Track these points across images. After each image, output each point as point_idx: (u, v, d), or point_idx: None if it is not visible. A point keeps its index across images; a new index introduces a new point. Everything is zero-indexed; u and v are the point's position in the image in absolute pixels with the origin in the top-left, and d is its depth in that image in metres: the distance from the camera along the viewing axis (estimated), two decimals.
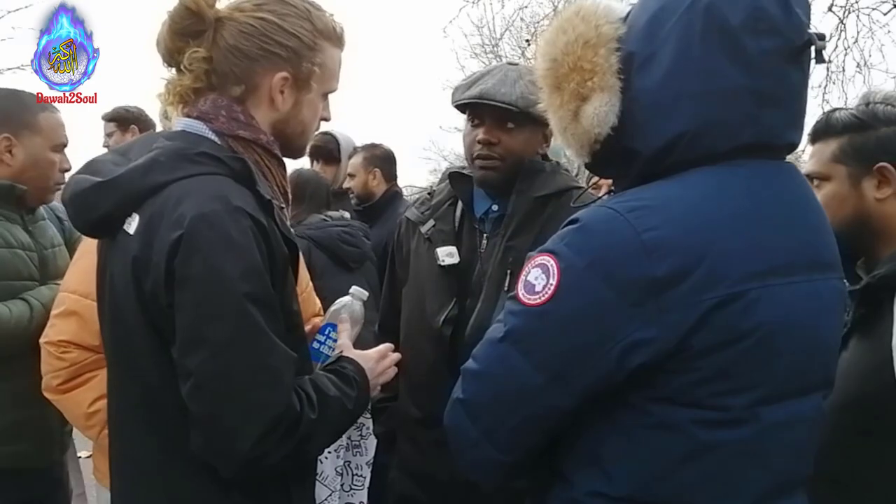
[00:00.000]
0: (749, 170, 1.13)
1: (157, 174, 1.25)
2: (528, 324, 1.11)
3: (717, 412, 1.08)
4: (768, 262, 1.09)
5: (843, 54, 7.87)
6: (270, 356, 1.20)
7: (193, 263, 1.17)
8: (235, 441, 1.18)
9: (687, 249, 1.05)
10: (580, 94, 1.15)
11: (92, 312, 1.78)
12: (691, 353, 1.05)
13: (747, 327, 1.06)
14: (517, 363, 1.10)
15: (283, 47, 1.32)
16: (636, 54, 1.14)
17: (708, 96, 1.11)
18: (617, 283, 1.05)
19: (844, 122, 1.54)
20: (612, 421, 1.12)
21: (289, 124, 1.38)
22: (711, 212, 1.08)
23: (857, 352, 1.45)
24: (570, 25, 1.17)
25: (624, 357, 1.05)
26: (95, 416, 1.84)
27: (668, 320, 1.04)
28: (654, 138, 1.14)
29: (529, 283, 1.11)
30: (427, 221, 1.98)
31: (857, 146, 1.51)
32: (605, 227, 1.08)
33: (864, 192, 1.51)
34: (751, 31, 1.09)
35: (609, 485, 1.11)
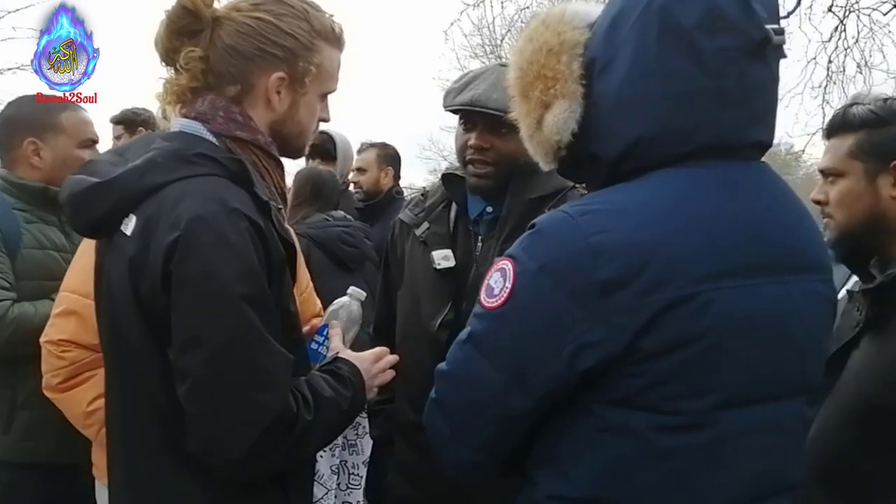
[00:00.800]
0: (712, 171, 1.12)
1: (155, 175, 1.25)
2: (487, 326, 1.13)
3: (671, 416, 1.07)
4: (724, 263, 1.07)
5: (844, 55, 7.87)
6: (267, 358, 1.20)
7: (190, 265, 1.17)
8: (231, 442, 1.18)
9: (634, 252, 1.04)
10: (544, 101, 1.16)
11: (91, 312, 1.78)
12: (642, 355, 1.05)
13: (699, 330, 1.05)
14: (479, 365, 1.13)
15: (279, 47, 1.31)
16: (597, 59, 1.15)
17: (665, 98, 1.10)
18: (565, 286, 1.06)
19: (862, 118, 1.52)
20: (569, 423, 1.13)
21: (285, 125, 1.37)
22: (664, 213, 1.08)
23: (870, 352, 1.44)
24: (536, 34, 1.17)
25: (574, 359, 1.06)
26: (94, 414, 1.85)
27: (616, 323, 1.04)
28: (614, 143, 1.14)
29: (490, 287, 1.13)
30: (421, 224, 1.97)
31: (875, 142, 1.49)
32: (555, 231, 1.10)
33: (880, 190, 1.49)
34: (706, 30, 1.08)
35: (568, 487, 1.12)
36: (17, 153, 2.18)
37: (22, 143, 2.17)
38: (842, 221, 1.54)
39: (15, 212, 2.12)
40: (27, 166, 2.14)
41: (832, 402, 1.47)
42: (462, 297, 1.86)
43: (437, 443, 1.22)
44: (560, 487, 1.13)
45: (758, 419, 1.11)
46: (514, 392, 1.11)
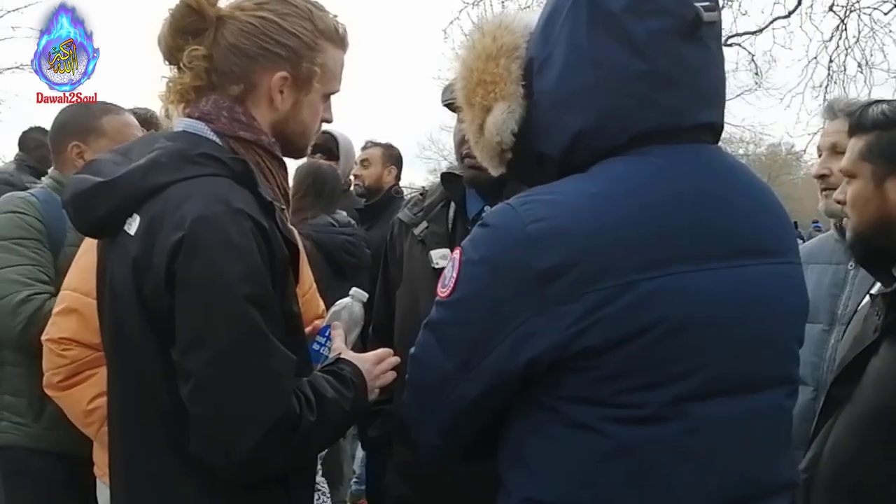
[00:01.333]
0: (659, 157, 1.10)
1: (158, 175, 1.25)
2: (439, 314, 1.16)
3: (631, 409, 1.05)
4: (671, 250, 1.05)
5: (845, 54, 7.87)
6: (270, 359, 1.20)
7: (194, 265, 1.17)
8: (234, 444, 1.18)
9: (571, 241, 1.03)
10: (485, 106, 1.18)
11: (92, 310, 1.79)
12: (590, 349, 1.03)
13: (648, 320, 1.03)
14: (433, 350, 1.16)
15: (282, 47, 1.31)
16: (535, 58, 1.16)
17: (600, 86, 1.10)
18: (504, 276, 1.07)
19: (874, 119, 1.51)
20: (531, 422, 1.13)
21: (288, 124, 1.37)
22: (604, 202, 1.06)
23: (889, 358, 1.40)
24: (475, 42, 1.19)
25: (516, 348, 1.06)
26: (94, 413, 1.86)
27: (555, 312, 1.03)
28: (557, 138, 1.14)
29: (444, 277, 1.16)
30: (420, 223, 1.98)
31: (883, 145, 1.48)
32: (498, 222, 1.11)
33: (887, 193, 1.47)
34: (635, 13, 1.08)
35: (539, 489, 1.11)
36: (65, 156, 2.32)
37: (68, 146, 2.30)
38: (854, 223, 1.53)
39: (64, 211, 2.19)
40: (72, 168, 2.23)
41: (851, 410, 1.45)
42: None
43: (407, 423, 1.25)
44: (533, 491, 1.12)
45: (731, 411, 1.08)
46: (462, 379, 1.12)
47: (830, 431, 1.48)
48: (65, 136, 2.33)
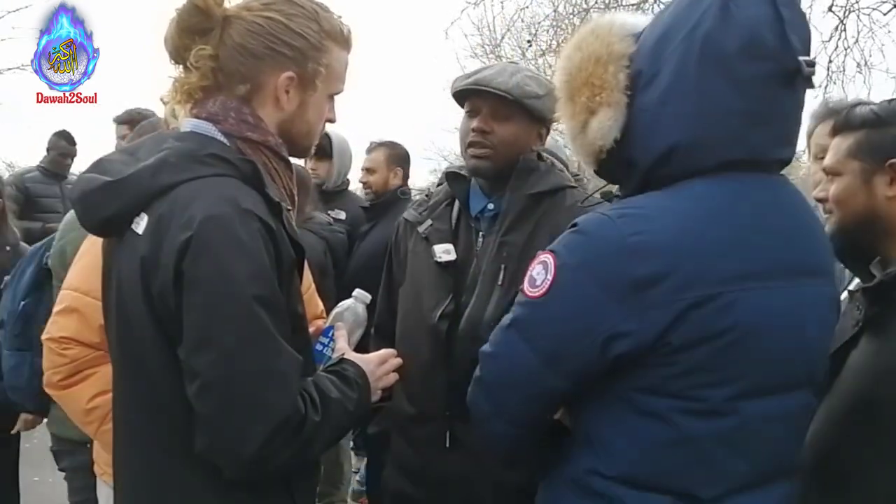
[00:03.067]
0: (738, 183, 1.23)
1: (167, 175, 1.26)
2: (528, 313, 1.26)
3: (696, 403, 1.19)
4: (747, 267, 1.19)
5: (844, 54, 7.86)
6: (277, 359, 1.21)
7: (202, 265, 1.18)
8: (241, 442, 1.18)
9: (667, 253, 1.16)
10: (589, 107, 1.25)
11: (92, 310, 1.79)
12: (671, 347, 1.16)
13: (723, 326, 1.16)
14: (519, 347, 1.25)
15: (289, 47, 1.32)
16: (643, 72, 1.24)
17: (700, 115, 1.20)
18: (602, 281, 1.17)
19: (863, 118, 1.54)
20: (606, 408, 1.25)
21: (294, 124, 1.38)
22: (694, 219, 1.19)
23: (869, 351, 1.45)
24: (585, 43, 1.26)
25: (606, 346, 1.18)
26: (94, 411, 1.87)
27: (648, 316, 1.15)
28: (649, 149, 1.24)
29: (532, 278, 1.25)
30: (424, 221, 2.01)
31: (873, 142, 1.51)
32: (596, 230, 1.21)
33: (875, 190, 1.51)
34: (746, 56, 1.18)
35: (604, 464, 1.24)
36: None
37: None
38: (839, 219, 1.56)
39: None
40: None
41: (831, 400, 1.48)
42: (462, 291, 1.88)
43: (477, 419, 1.35)
44: (598, 464, 1.25)
45: (773, 408, 1.23)
46: (549, 373, 1.24)
47: (811, 422, 1.50)
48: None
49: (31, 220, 4.82)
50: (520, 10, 9.90)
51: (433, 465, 1.87)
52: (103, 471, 2.01)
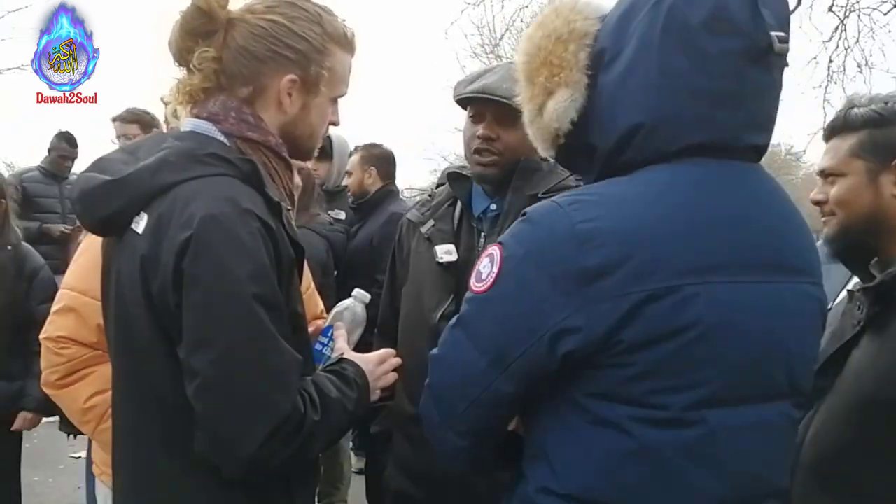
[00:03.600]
0: (703, 169, 1.13)
1: (167, 174, 1.26)
2: (474, 309, 1.16)
3: (654, 410, 1.07)
4: (711, 259, 1.08)
5: (844, 54, 7.87)
6: (277, 358, 1.21)
7: (202, 264, 1.18)
8: (240, 442, 1.18)
9: (619, 242, 1.06)
10: (547, 88, 1.17)
11: (89, 309, 1.80)
12: (625, 346, 1.05)
13: (682, 323, 1.05)
14: (465, 347, 1.15)
15: (291, 50, 1.32)
16: (606, 50, 1.16)
17: (662, 91, 1.11)
18: (549, 272, 1.07)
19: (864, 118, 1.54)
20: (557, 416, 1.14)
21: (297, 127, 1.38)
22: (652, 207, 1.09)
23: (871, 351, 1.45)
24: (546, 21, 1.19)
25: (554, 344, 1.08)
26: (91, 411, 1.87)
27: (597, 310, 1.05)
28: (609, 132, 1.15)
29: (479, 272, 1.16)
30: (427, 221, 2.01)
31: (877, 141, 1.51)
32: (544, 219, 1.11)
33: (881, 189, 1.51)
34: (710, 30, 1.09)
35: (556, 481, 1.13)
36: None
37: None
38: (842, 219, 1.56)
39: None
40: None
41: (832, 400, 1.49)
42: (464, 291, 1.87)
43: (428, 429, 1.24)
44: (549, 480, 1.14)
45: (746, 419, 1.11)
46: (496, 375, 1.13)
47: (811, 422, 1.51)
48: None
49: (28, 219, 4.83)
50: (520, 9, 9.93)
51: (434, 465, 1.86)
52: (101, 471, 2.02)
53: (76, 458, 4.20)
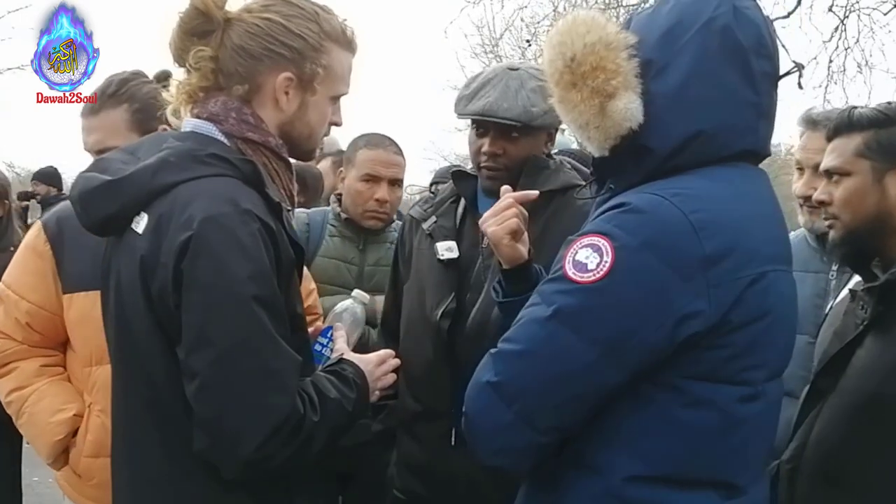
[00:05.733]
0: (753, 171, 1.29)
1: (167, 174, 1.26)
2: (581, 301, 1.15)
3: (743, 387, 1.18)
4: (774, 249, 1.23)
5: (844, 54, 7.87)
6: (276, 359, 1.21)
7: (202, 265, 1.18)
8: (239, 443, 1.18)
9: (727, 230, 1.16)
10: (605, 91, 1.21)
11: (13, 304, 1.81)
12: (730, 327, 1.15)
13: (769, 305, 1.18)
14: (567, 340, 1.14)
15: (287, 48, 1.32)
16: (653, 62, 1.23)
17: (722, 103, 1.22)
18: (671, 260, 1.13)
19: (869, 118, 1.54)
20: (649, 402, 1.17)
21: (295, 126, 1.38)
22: (737, 200, 1.21)
23: (875, 350, 1.45)
24: (587, 28, 1.24)
25: (677, 329, 1.13)
26: (10, 406, 1.88)
27: (716, 294, 1.13)
28: (670, 137, 1.23)
29: (580, 263, 1.15)
30: (429, 218, 2.01)
31: (883, 141, 1.52)
32: (654, 209, 1.16)
33: (888, 189, 1.51)
34: (756, 53, 1.23)
35: (645, 465, 1.17)
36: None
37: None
38: (848, 221, 1.55)
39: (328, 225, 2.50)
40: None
41: (836, 399, 1.49)
42: (465, 289, 1.89)
43: (488, 429, 1.20)
44: (637, 467, 1.16)
45: (780, 390, 1.28)
46: (606, 366, 1.14)
47: (815, 421, 1.51)
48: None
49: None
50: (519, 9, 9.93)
51: (439, 463, 1.87)
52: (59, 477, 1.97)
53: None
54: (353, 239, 2.44)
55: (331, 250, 2.42)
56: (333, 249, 2.43)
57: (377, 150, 2.43)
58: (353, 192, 2.43)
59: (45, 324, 1.84)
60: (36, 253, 1.85)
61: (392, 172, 2.42)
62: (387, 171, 2.40)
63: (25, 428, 1.91)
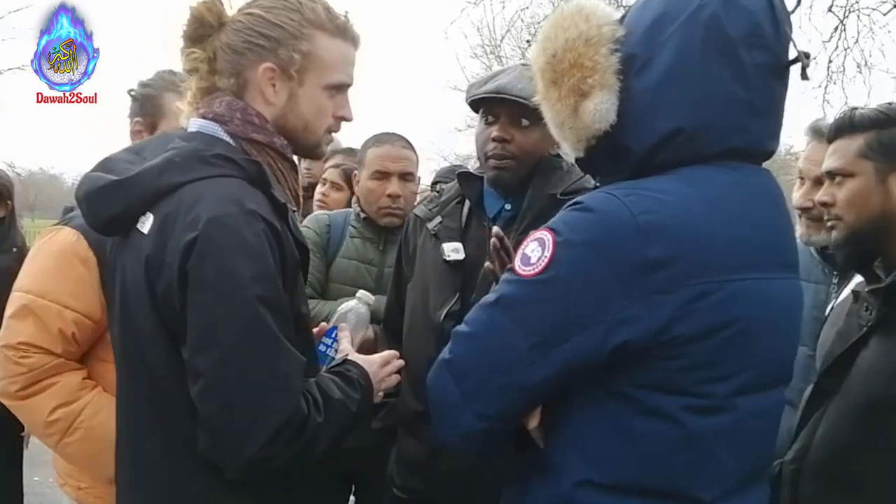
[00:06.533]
0: (736, 171, 1.19)
1: (173, 175, 1.26)
2: (519, 292, 1.14)
3: (701, 399, 1.12)
4: (748, 256, 1.15)
5: (844, 54, 7.88)
6: (281, 360, 1.21)
7: (207, 265, 1.18)
8: (243, 443, 1.18)
9: (678, 235, 1.09)
10: (580, 90, 1.18)
11: (49, 313, 1.70)
12: (678, 339, 1.09)
13: (729, 317, 1.11)
14: (505, 329, 1.14)
15: (265, 38, 1.33)
16: (637, 56, 1.18)
17: (704, 100, 1.16)
18: (610, 261, 1.09)
19: (871, 118, 1.54)
20: (602, 409, 1.15)
21: (287, 119, 1.37)
22: (701, 204, 1.13)
23: (880, 351, 1.45)
24: (571, 23, 1.19)
25: (609, 333, 1.09)
26: (55, 424, 1.74)
27: (656, 301, 1.08)
28: (647, 135, 1.18)
29: (525, 256, 1.15)
30: (434, 218, 2.01)
31: (885, 141, 1.51)
32: (602, 208, 1.12)
33: (891, 189, 1.51)
34: (747, 45, 1.15)
35: (598, 472, 1.14)
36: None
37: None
38: (852, 222, 1.55)
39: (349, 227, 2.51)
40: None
41: (840, 401, 1.48)
42: (470, 290, 1.88)
43: (441, 405, 1.21)
44: (590, 473, 1.15)
45: (761, 404, 1.19)
46: (538, 359, 1.12)
47: (819, 423, 1.51)
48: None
49: None
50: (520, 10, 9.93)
51: (440, 461, 1.87)
52: (64, 481, 1.91)
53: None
54: (374, 240, 2.45)
55: (351, 251, 2.44)
56: (354, 251, 2.44)
57: (384, 147, 2.43)
58: (366, 190, 2.44)
59: (87, 334, 1.76)
60: (79, 259, 1.76)
61: (401, 166, 2.41)
62: (395, 166, 2.40)
63: (80, 445, 1.74)
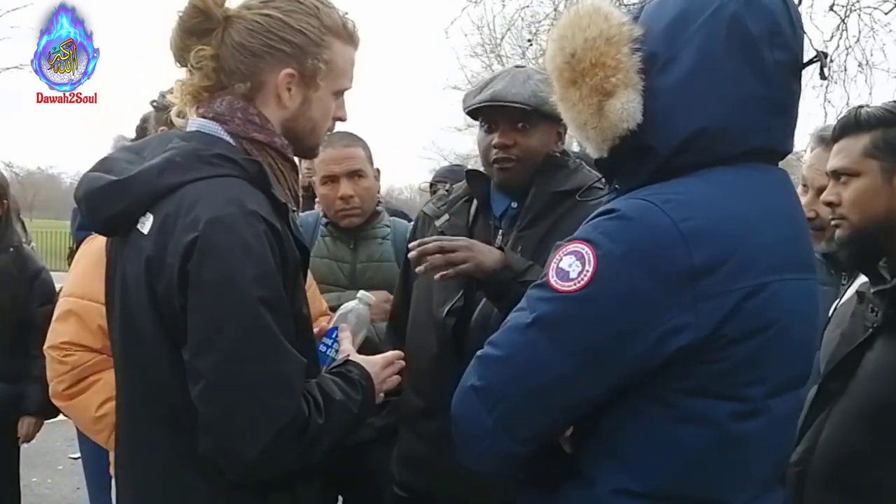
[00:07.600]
0: (759, 172, 1.18)
1: (173, 175, 1.26)
2: (561, 310, 1.10)
3: (742, 403, 1.11)
4: (782, 257, 1.14)
5: (845, 54, 7.88)
6: (282, 361, 1.21)
7: (208, 266, 1.18)
8: (244, 445, 1.18)
9: (721, 239, 1.09)
10: (603, 89, 1.16)
11: (89, 311, 1.77)
12: (724, 342, 1.08)
13: (771, 318, 1.10)
14: (545, 351, 1.10)
15: (288, 43, 1.31)
16: (658, 55, 1.17)
17: (727, 99, 1.15)
18: (655, 271, 1.07)
19: (877, 117, 1.53)
20: (639, 415, 1.13)
21: (298, 122, 1.37)
22: (738, 205, 1.13)
23: (886, 353, 1.44)
24: (590, 21, 1.18)
25: (661, 343, 1.07)
26: (104, 419, 1.81)
27: (705, 307, 1.07)
28: (672, 135, 1.17)
29: (562, 270, 1.10)
30: (442, 215, 2.02)
31: (891, 140, 1.51)
32: (642, 217, 1.10)
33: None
34: (769, 43, 1.15)
35: (635, 481, 1.12)
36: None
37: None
38: (857, 222, 1.54)
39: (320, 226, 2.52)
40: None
41: (845, 403, 1.48)
42: (474, 288, 1.88)
43: (471, 433, 1.17)
44: (626, 482, 1.12)
45: (790, 405, 1.20)
46: (585, 379, 1.10)
47: (824, 425, 1.50)
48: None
49: None
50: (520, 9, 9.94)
51: (442, 459, 1.85)
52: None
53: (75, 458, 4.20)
54: (344, 239, 2.46)
55: (323, 250, 2.44)
56: (325, 250, 2.45)
57: (327, 150, 2.39)
58: (321, 196, 2.46)
59: None
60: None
61: (345, 167, 2.38)
62: (340, 167, 2.38)
63: None
